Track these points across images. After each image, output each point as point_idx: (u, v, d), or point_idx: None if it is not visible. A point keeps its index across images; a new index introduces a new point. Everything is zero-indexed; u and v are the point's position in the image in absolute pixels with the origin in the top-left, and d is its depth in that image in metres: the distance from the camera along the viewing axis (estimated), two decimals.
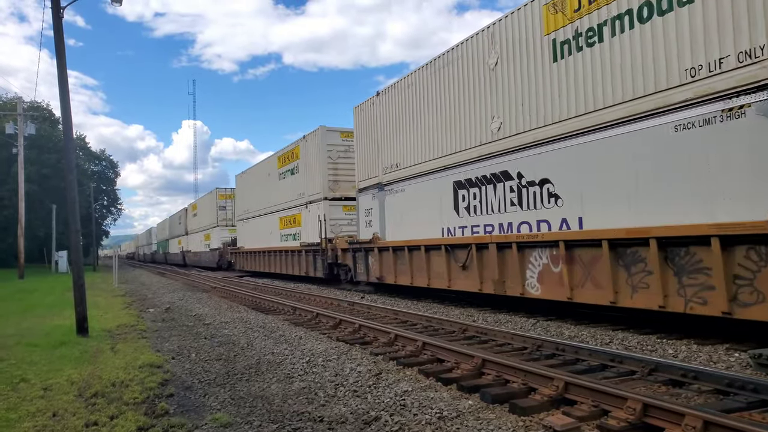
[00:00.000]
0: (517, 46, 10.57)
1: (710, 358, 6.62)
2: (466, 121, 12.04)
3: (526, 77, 10.39)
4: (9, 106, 44.33)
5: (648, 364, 5.74)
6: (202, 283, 23.96)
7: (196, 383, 6.21)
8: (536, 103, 10.11)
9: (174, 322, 11.60)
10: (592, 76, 8.97)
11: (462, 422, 4.56)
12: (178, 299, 16.92)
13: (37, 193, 44.55)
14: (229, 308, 13.85)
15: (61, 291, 19.90)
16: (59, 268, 40.70)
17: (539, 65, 10.05)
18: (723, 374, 5.18)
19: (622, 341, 7.76)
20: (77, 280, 9.80)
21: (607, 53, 8.70)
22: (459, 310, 11.75)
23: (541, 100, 10.01)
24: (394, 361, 6.87)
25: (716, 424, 3.85)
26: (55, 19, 9.91)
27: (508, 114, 10.81)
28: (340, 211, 20.00)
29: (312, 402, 5.34)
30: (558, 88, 9.64)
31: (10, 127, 34.19)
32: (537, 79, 10.11)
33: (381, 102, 15.88)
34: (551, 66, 9.78)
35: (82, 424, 4.71)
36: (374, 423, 4.66)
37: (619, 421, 4.28)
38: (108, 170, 72.49)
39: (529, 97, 10.30)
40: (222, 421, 4.80)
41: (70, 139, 10.27)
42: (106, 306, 14.96)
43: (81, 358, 7.55)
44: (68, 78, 10.05)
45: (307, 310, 11.95)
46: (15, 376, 6.51)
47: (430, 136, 13.39)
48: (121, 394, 5.63)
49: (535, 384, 5.30)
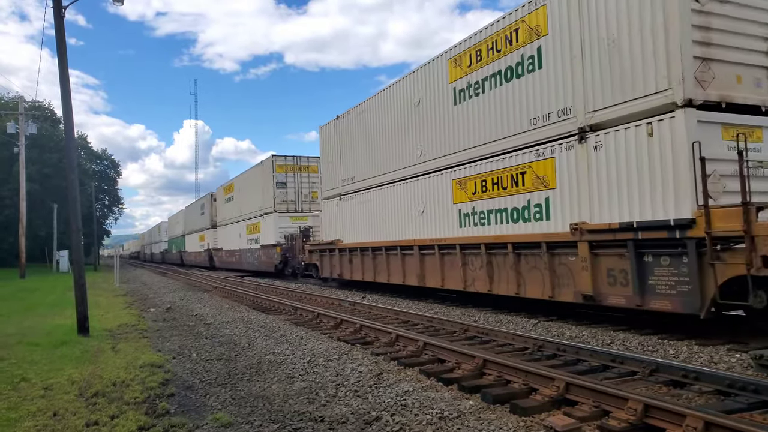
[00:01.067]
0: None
1: (711, 359, 6.61)
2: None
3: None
4: (10, 106, 44.41)
5: (649, 365, 5.74)
6: (203, 283, 23.97)
7: (197, 383, 6.21)
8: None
9: (175, 321, 11.60)
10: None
11: (463, 422, 4.56)
12: (179, 299, 16.93)
13: (38, 192, 44.60)
14: (230, 308, 13.86)
15: (62, 290, 19.91)
16: (60, 267, 40.74)
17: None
18: (724, 375, 5.18)
19: (623, 342, 7.75)
20: (78, 280, 9.81)
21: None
22: (460, 311, 11.74)
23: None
24: (395, 362, 6.87)
25: (717, 424, 3.85)
26: (57, 19, 9.91)
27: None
28: None
29: (313, 402, 5.34)
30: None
31: (11, 127, 34.22)
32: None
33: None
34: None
35: (83, 424, 4.71)
36: (375, 423, 4.66)
37: (620, 421, 4.28)
38: (109, 170, 72.56)
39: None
40: (223, 421, 4.80)
41: (71, 138, 10.29)
42: (107, 305, 14.97)
43: (82, 358, 7.56)
44: (69, 77, 10.06)
45: (308, 309, 11.95)
46: (16, 375, 6.52)
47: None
48: (121, 393, 5.63)
49: (536, 384, 5.30)
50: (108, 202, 71.95)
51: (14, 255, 39.21)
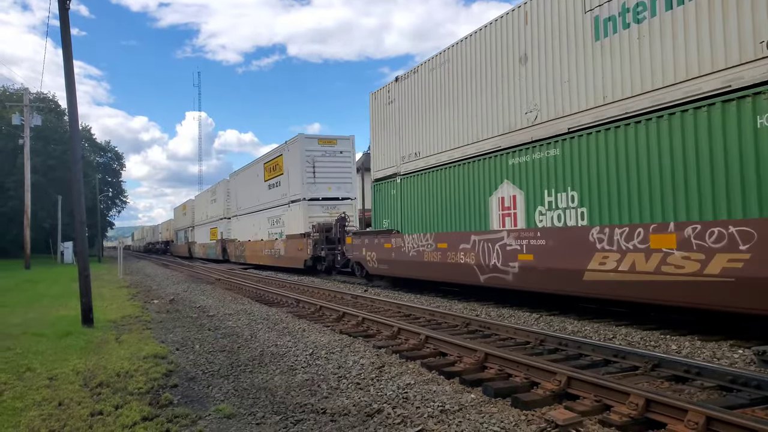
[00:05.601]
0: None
1: (714, 354, 6.61)
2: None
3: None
4: (15, 97, 44.47)
5: (651, 360, 5.74)
6: (206, 275, 24.05)
7: (199, 374, 6.24)
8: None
9: (178, 313, 11.65)
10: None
11: (464, 416, 4.57)
12: (183, 291, 16.99)
13: (42, 184, 44.77)
14: (233, 300, 13.91)
15: (67, 282, 20.02)
16: (65, 258, 40.96)
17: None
18: (726, 370, 5.17)
19: (626, 336, 7.75)
20: (82, 271, 9.85)
21: None
22: (462, 304, 11.75)
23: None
24: (396, 354, 6.89)
25: (719, 420, 3.85)
26: (62, 10, 9.90)
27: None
28: None
29: (315, 394, 5.36)
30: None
31: (16, 118, 34.31)
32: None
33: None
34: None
35: (88, 413, 4.75)
36: (377, 415, 4.68)
37: (622, 416, 4.28)
38: (113, 161, 72.72)
39: None
40: (225, 412, 4.83)
41: (75, 130, 10.30)
42: (110, 297, 15.05)
43: (86, 348, 7.61)
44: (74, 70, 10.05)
45: (311, 302, 11.98)
46: (21, 365, 6.56)
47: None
48: (125, 384, 5.67)
49: (537, 378, 5.31)
50: (111, 194, 72.16)
51: (19, 246, 39.42)
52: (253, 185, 30.84)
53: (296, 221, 23.88)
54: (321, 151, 23.80)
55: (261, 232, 28.94)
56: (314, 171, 23.50)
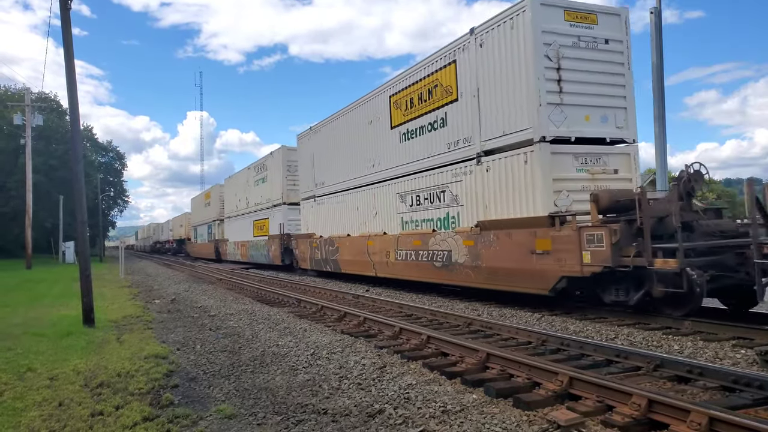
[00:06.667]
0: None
1: (716, 354, 6.58)
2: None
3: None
4: (17, 97, 44.54)
5: (653, 360, 5.72)
6: (208, 275, 24.05)
7: (200, 374, 6.24)
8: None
9: (179, 313, 11.65)
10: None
11: (466, 416, 4.56)
12: (184, 290, 17.00)
13: (44, 184, 44.81)
14: (235, 300, 13.91)
15: (68, 281, 20.03)
16: (66, 258, 41.03)
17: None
18: (729, 371, 5.15)
19: (628, 337, 7.73)
20: (84, 271, 9.86)
21: None
22: (464, 304, 11.74)
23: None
24: (398, 355, 6.87)
25: (722, 420, 3.82)
26: (63, 10, 9.90)
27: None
28: None
29: (316, 394, 5.35)
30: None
31: (17, 118, 34.35)
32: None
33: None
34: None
35: (88, 414, 4.74)
36: (378, 416, 4.66)
37: (624, 416, 4.26)
38: (115, 161, 72.76)
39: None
40: (226, 413, 4.82)
41: (77, 130, 10.30)
42: (112, 297, 15.05)
43: (87, 349, 7.60)
44: (75, 70, 10.05)
45: (312, 302, 11.97)
46: (22, 365, 6.57)
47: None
48: (126, 384, 5.66)
49: (539, 379, 5.29)
50: (113, 194, 72.21)
51: (20, 246, 39.45)
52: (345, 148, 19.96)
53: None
54: (570, 35, 10.81)
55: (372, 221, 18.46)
56: (559, 77, 10.57)
